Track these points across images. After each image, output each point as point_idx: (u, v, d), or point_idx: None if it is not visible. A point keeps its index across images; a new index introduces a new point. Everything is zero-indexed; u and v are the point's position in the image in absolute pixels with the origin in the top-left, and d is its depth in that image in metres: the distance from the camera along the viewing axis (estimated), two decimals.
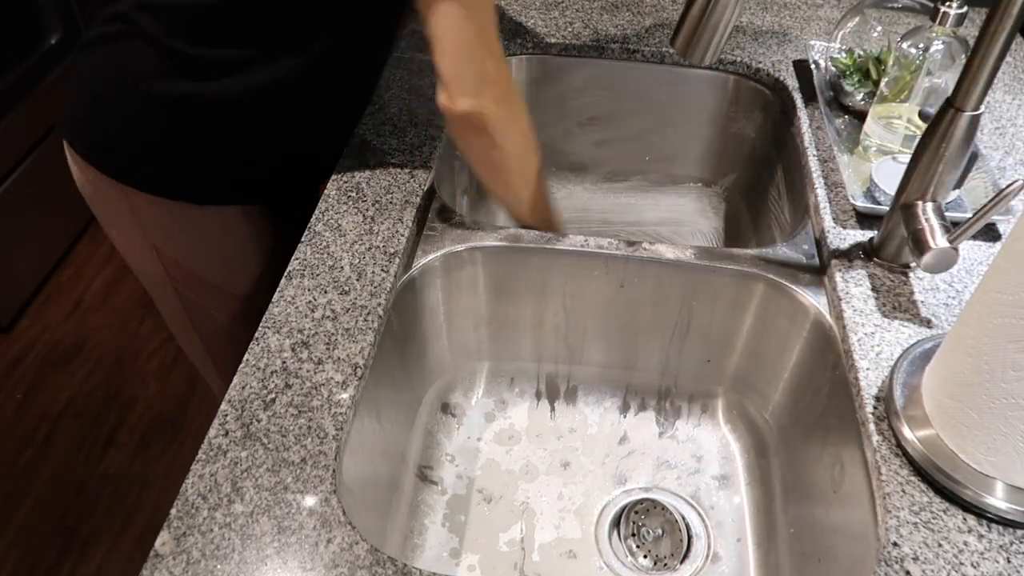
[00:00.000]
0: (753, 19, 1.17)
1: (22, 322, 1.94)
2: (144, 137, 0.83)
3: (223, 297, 0.96)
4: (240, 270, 0.95)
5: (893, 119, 0.89)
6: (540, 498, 0.84)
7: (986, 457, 0.56)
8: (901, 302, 0.73)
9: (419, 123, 0.94)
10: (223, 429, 0.62)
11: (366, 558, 0.54)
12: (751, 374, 0.87)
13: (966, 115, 0.65)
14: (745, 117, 1.12)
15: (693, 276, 0.82)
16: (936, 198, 0.70)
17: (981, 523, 0.57)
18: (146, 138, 0.83)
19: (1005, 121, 0.97)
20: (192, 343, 1.03)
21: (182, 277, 0.93)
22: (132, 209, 0.87)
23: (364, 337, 0.69)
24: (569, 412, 0.93)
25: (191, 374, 1.83)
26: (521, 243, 0.82)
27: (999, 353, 0.52)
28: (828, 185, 0.87)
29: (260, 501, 0.57)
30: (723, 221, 1.17)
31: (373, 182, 0.85)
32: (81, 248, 2.14)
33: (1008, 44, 0.60)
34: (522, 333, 0.91)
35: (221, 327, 0.99)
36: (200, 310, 0.97)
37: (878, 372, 0.66)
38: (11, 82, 1.80)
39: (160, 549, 0.55)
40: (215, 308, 0.97)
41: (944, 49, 0.85)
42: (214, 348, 1.02)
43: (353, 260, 0.76)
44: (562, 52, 1.12)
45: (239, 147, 0.85)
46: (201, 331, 1.00)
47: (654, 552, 0.79)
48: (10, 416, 1.74)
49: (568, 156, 1.21)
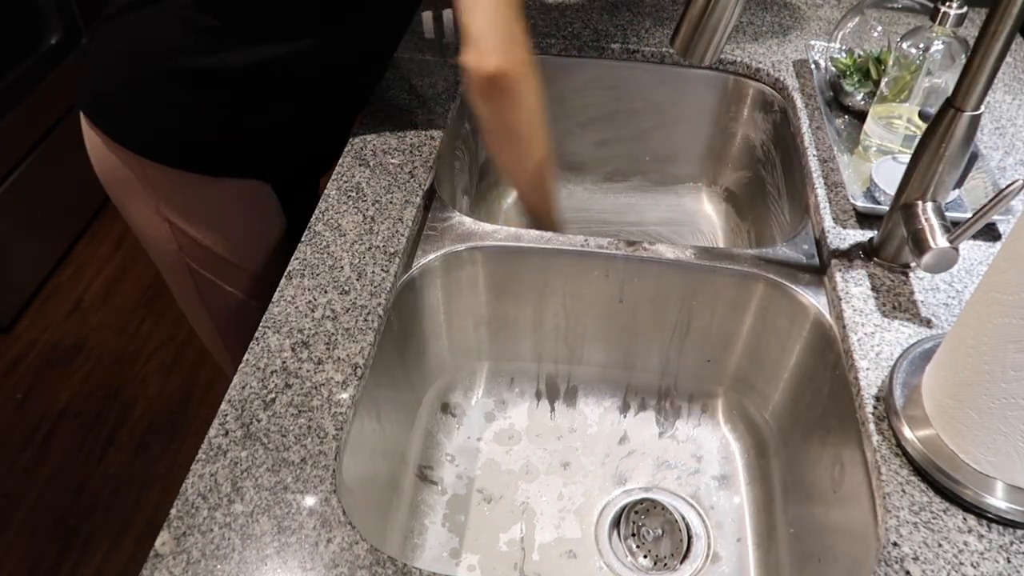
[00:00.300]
0: (753, 19, 1.17)
1: (22, 322, 1.94)
2: (161, 109, 0.85)
3: (234, 273, 0.98)
4: (251, 246, 0.97)
5: (893, 119, 0.89)
6: (540, 498, 0.84)
7: (986, 457, 0.56)
8: (901, 302, 0.73)
9: (419, 123, 0.94)
10: (223, 429, 0.62)
11: (366, 558, 0.54)
12: (751, 374, 0.87)
13: (966, 115, 0.65)
14: (745, 117, 1.12)
15: (693, 276, 0.82)
16: (936, 198, 0.70)
17: (981, 523, 0.57)
18: (163, 110, 0.85)
19: (1005, 121, 0.97)
20: (203, 322, 1.05)
21: (194, 251, 0.94)
22: (146, 181, 0.89)
23: (364, 337, 0.69)
24: (569, 412, 0.93)
25: (191, 374, 1.83)
26: (521, 243, 0.82)
27: (999, 353, 0.52)
28: (828, 185, 0.87)
29: (260, 501, 0.57)
30: (723, 221, 1.17)
31: (373, 182, 0.85)
32: (81, 248, 2.14)
33: (1008, 44, 0.60)
34: (522, 333, 0.91)
35: (232, 305, 1.01)
36: (211, 286, 0.99)
37: (878, 372, 0.66)
38: (11, 82, 1.80)
39: (160, 549, 0.55)
40: (227, 283, 0.98)
41: (944, 49, 0.85)
42: (225, 327, 1.04)
43: (353, 260, 0.76)
44: (562, 52, 1.12)
45: (254, 120, 0.87)
46: (212, 309, 1.02)
47: (654, 552, 0.79)
48: (10, 416, 1.74)
49: (568, 156, 1.21)
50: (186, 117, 0.85)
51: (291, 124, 0.91)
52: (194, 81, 0.83)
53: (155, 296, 2.02)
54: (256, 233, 0.97)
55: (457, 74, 1.02)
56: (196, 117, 0.85)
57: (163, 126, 0.86)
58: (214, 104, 0.85)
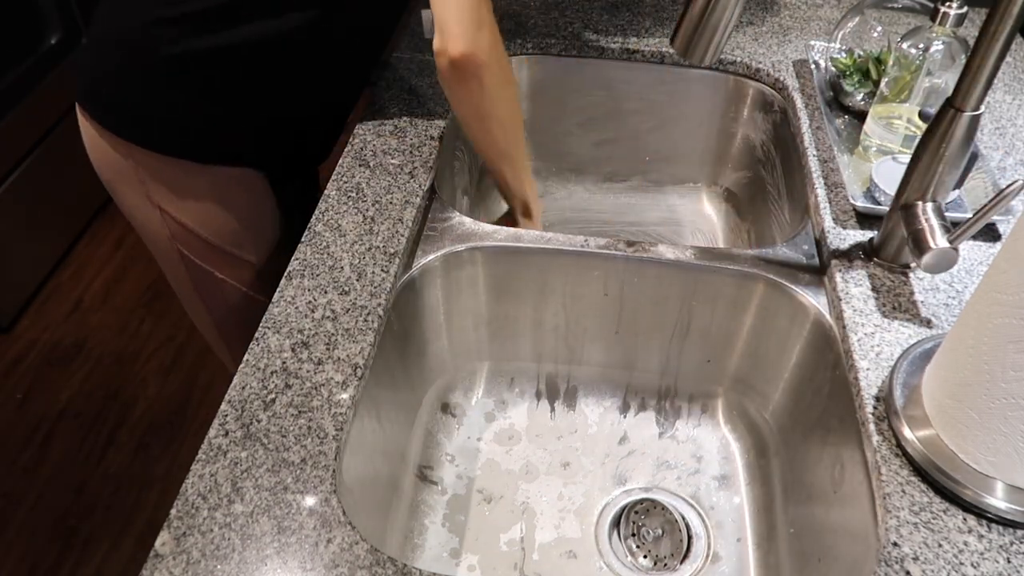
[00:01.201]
0: (753, 19, 1.17)
1: (22, 322, 1.94)
2: (148, 95, 0.85)
3: (227, 262, 0.98)
4: (243, 235, 0.97)
5: (893, 119, 0.89)
6: (540, 498, 0.84)
7: (986, 457, 0.56)
8: (901, 302, 0.73)
9: (419, 123, 0.94)
10: (223, 429, 0.62)
11: (366, 558, 0.54)
12: (751, 374, 0.87)
13: (966, 115, 0.65)
14: (745, 117, 1.12)
15: (693, 276, 0.82)
16: (936, 198, 0.70)
17: (981, 523, 0.57)
18: (150, 96, 0.85)
19: (1005, 121, 0.97)
20: (200, 313, 1.05)
21: (186, 239, 0.95)
22: (137, 168, 0.90)
23: (364, 337, 0.69)
24: (569, 412, 0.93)
25: (191, 374, 1.83)
26: (521, 243, 0.82)
27: (999, 353, 0.52)
28: (828, 185, 0.87)
29: (260, 501, 0.57)
30: (723, 221, 1.17)
31: (373, 182, 0.85)
32: (81, 248, 2.14)
33: (1008, 44, 0.60)
34: (522, 333, 0.91)
35: (227, 294, 1.01)
36: (205, 275, 0.99)
37: (878, 372, 0.66)
38: (11, 82, 1.80)
39: (160, 549, 0.55)
40: (220, 272, 0.99)
41: (944, 49, 0.85)
42: (221, 318, 1.05)
43: (353, 260, 0.76)
44: (562, 52, 1.12)
45: (242, 105, 0.87)
46: (207, 299, 1.02)
47: (654, 552, 0.79)
48: (10, 416, 1.74)
49: (568, 156, 1.21)
50: (172, 103, 0.86)
51: (280, 109, 0.91)
52: (180, 66, 0.83)
53: (155, 296, 2.02)
54: (248, 222, 0.97)
55: None
56: (183, 103, 0.85)
57: (151, 113, 0.86)
58: (201, 89, 0.85)
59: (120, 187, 0.94)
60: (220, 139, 0.89)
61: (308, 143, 0.98)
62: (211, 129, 0.88)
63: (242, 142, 0.91)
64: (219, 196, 0.93)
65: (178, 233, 0.94)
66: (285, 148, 0.97)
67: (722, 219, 1.17)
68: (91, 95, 0.89)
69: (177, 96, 0.85)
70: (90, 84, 0.90)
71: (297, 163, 1.02)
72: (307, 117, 0.94)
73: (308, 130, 0.96)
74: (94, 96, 0.89)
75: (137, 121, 0.87)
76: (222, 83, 0.85)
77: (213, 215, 0.94)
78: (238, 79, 0.85)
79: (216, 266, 0.98)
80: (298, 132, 0.95)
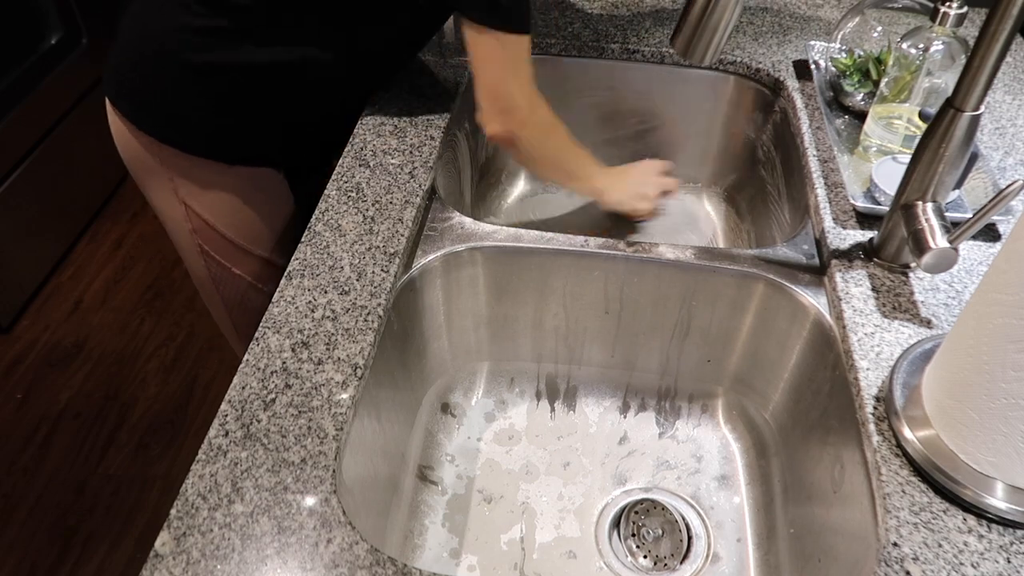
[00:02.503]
0: (753, 19, 1.17)
1: (22, 322, 1.94)
2: (179, 99, 0.89)
3: (243, 258, 1.02)
4: (260, 232, 1.01)
5: (893, 119, 0.89)
6: (540, 498, 0.84)
7: (986, 457, 0.56)
8: (901, 302, 0.73)
9: (419, 123, 0.94)
10: (223, 429, 0.62)
11: (366, 558, 0.54)
12: (751, 374, 0.87)
13: (966, 115, 0.65)
14: (745, 117, 1.12)
15: (693, 276, 0.82)
16: (936, 198, 0.70)
17: (981, 523, 0.57)
18: (181, 100, 0.89)
19: (1005, 121, 0.97)
20: (216, 304, 1.10)
21: (207, 234, 0.99)
22: (166, 165, 0.94)
23: (364, 337, 0.69)
24: (569, 412, 0.93)
25: (191, 374, 1.83)
26: (521, 243, 0.82)
27: (999, 353, 0.52)
28: (828, 185, 0.87)
29: (260, 501, 0.57)
30: (723, 221, 1.17)
31: (373, 182, 0.85)
32: (81, 248, 2.14)
33: (1008, 44, 0.60)
34: (522, 333, 0.91)
35: (243, 292, 1.05)
36: (222, 270, 1.03)
37: (878, 372, 0.66)
38: (11, 82, 1.80)
39: (160, 549, 0.55)
40: (236, 267, 1.03)
41: (944, 49, 0.85)
42: (236, 313, 1.09)
43: (353, 260, 0.76)
44: (562, 52, 1.12)
45: (265, 113, 0.91)
46: (225, 295, 1.06)
47: (654, 552, 0.79)
48: (10, 416, 1.74)
49: None
50: (200, 106, 0.89)
51: (305, 116, 0.95)
52: (207, 74, 0.86)
53: (155, 296, 2.02)
54: (265, 219, 1.01)
55: (457, 74, 1.02)
56: (211, 107, 0.89)
57: (181, 114, 0.90)
58: (226, 96, 0.88)
59: (149, 181, 0.98)
60: (246, 142, 0.93)
61: (330, 143, 1.01)
62: (238, 132, 0.92)
63: (267, 145, 0.95)
64: (241, 194, 0.97)
65: (200, 228, 0.98)
66: (308, 149, 1.01)
67: (722, 219, 1.17)
68: (123, 94, 0.93)
69: (205, 101, 0.88)
70: (122, 83, 0.93)
71: (317, 161, 1.06)
72: (331, 121, 0.98)
73: (331, 132, 0.99)
74: (126, 95, 0.92)
75: (167, 121, 0.91)
76: (246, 93, 0.88)
77: (234, 212, 0.98)
78: (262, 91, 0.89)
79: (232, 261, 1.02)
80: (322, 134, 0.99)
